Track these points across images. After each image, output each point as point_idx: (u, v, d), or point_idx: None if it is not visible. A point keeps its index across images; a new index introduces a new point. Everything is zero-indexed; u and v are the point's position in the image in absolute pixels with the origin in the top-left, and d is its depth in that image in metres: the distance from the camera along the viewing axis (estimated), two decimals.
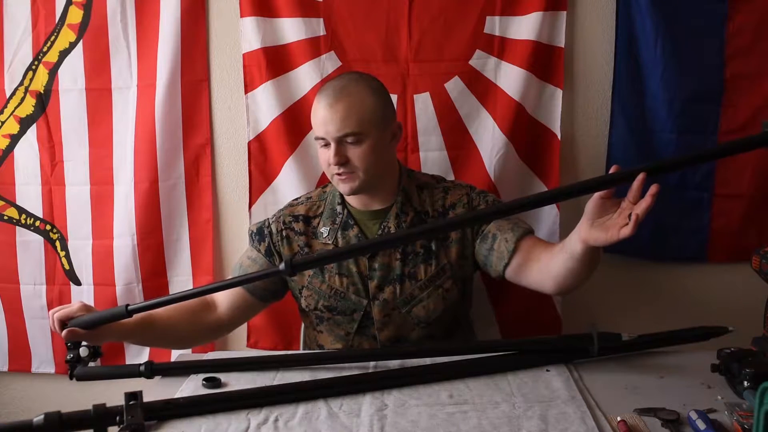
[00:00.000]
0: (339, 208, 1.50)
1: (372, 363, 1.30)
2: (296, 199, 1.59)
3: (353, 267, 1.46)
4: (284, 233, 1.51)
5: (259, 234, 1.54)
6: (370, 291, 1.46)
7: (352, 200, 1.50)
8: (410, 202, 1.49)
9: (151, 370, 1.27)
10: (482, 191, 1.53)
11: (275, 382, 1.24)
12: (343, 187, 1.44)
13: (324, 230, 1.49)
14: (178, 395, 1.18)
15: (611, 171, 1.13)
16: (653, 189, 1.04)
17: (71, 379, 1.28)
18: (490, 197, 1.52)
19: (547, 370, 1.25)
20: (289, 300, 1.59)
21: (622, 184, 1.10)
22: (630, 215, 1.07)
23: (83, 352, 1.27)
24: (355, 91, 1.40)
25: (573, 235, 1.21)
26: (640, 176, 1.06)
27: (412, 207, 1.49)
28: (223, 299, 1.51)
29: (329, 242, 1.48)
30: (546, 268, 1.34)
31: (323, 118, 1.40)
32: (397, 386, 1.20)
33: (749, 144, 1.16)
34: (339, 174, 1.41)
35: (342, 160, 1.40)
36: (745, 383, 1.10)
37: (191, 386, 1.24)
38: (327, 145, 1.41)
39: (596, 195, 1.13)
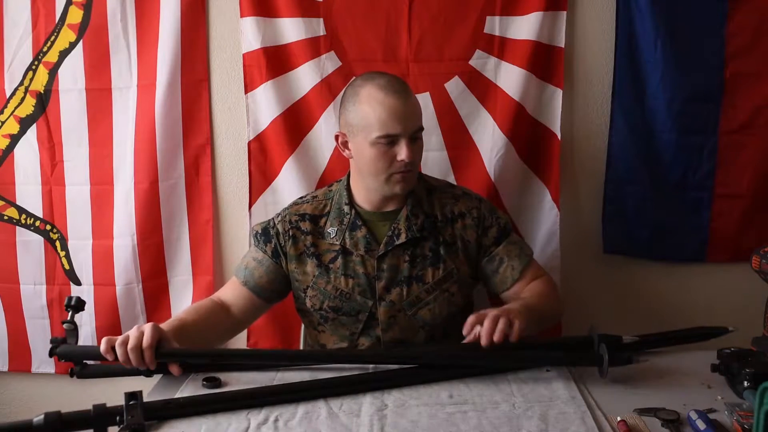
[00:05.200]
0: (346, 209, 1.48)
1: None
2: (301, 198, 1.58)
3: (359, 268, 1.45)
4: (291, 233, 1.49)
5: (265, 234, 1.52)
6: (377, 292, 1.45)
7: (362, 201, 1.49)
8: (420, 205, 1.48)
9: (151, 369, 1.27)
10: (493, 209, 1.52)
11: (275, 382, 1.24)
12: (402, 187, 1.42)
13: (331, 230, 1.48)
14: (178, 395, 1.18)
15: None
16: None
17: (72, 377, 1.28)
18: (502, 220, 1.51)
19: (547, 370, 1.25)
20: (289, 301, 1.58)
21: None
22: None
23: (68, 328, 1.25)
24: (409, 87, 1.43)
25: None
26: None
27: (422, 210, 1.48)
28: (233, 302, 1.51)
29: (336, 242, 1.47)
30: None
31: (400, 113, 1.36)
32: (397, 386, 1.20)
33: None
34: (404, 172, 1.40)
35: (415, 157, 1.39)
36: (745, 383, 1.10)
37: (191, 386, 1.24)
38: (391, 143, 1.38)
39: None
